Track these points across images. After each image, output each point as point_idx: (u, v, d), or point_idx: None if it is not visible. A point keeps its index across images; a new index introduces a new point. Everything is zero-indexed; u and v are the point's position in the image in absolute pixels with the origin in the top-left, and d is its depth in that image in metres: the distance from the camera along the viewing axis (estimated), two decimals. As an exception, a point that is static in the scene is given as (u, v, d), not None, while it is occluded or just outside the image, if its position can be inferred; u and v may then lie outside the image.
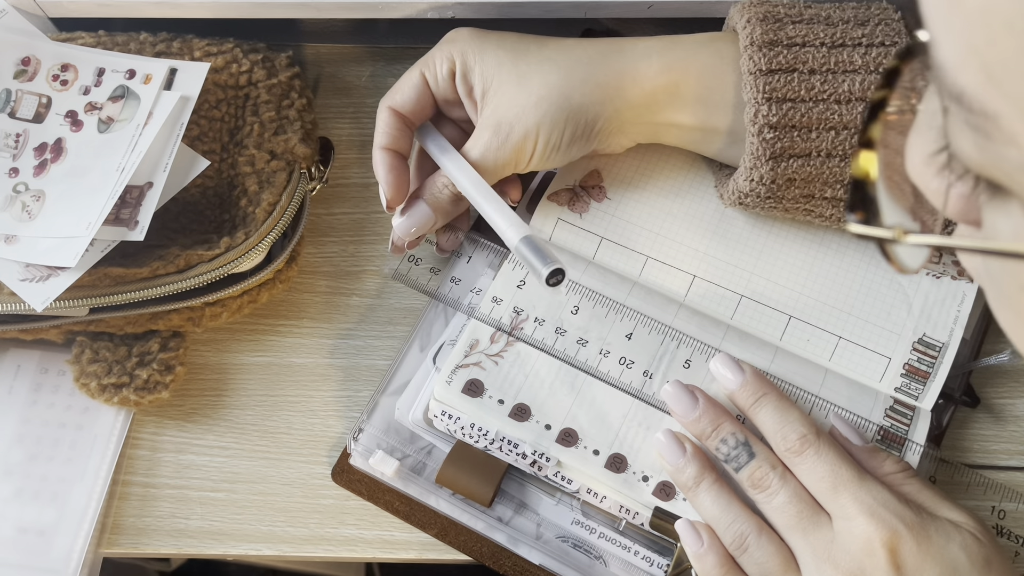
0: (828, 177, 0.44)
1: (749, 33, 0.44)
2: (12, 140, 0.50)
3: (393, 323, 0.52)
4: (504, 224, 0.44)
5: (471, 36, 0.47)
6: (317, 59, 0.59)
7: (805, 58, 0.43)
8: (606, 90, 0.45)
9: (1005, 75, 0.19)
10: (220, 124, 0.53)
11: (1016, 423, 0.49)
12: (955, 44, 0.20)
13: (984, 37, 0.19)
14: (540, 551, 0.45)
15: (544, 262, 0.42)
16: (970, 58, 0.19)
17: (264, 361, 0.52)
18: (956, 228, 0.26)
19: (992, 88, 0.19)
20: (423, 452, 0.47)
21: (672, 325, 0.47)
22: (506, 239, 0.44)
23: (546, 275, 0.41)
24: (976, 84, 0.20)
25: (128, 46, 0.53)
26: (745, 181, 0.45)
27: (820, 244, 0.49)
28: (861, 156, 0.25)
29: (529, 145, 0.45)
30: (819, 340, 0.47)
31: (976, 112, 0.20)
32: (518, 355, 0.46)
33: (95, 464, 0.49)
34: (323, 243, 0.54)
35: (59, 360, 0.51)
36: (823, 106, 0.43)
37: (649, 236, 0.50)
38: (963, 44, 0.19)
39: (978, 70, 0.19)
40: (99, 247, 0.46)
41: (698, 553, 0.42)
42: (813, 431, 0.42)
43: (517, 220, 0.44)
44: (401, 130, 0.48)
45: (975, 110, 0.20)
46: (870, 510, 0.39)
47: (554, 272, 0.41)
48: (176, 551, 0.48)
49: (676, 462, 0.43)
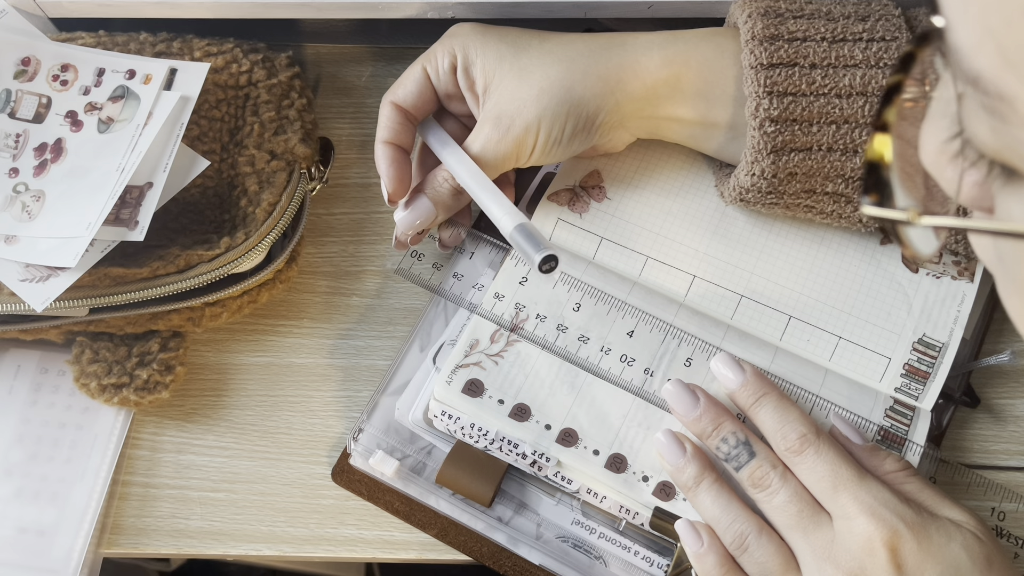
0: (829, 171, 0.44)
1: (750, 28, 0.44)
2: (12, 140, 0.50)
3: (393, 323, 0.52)
4: (499, 212, 0.44)
5: (472, 30, 0.47)
6: (317, 59, 0.59)
7: (806, 52, 0.43)
8: (607, 83, 0.45)
9: (1021, 58, 0.19)
10: (220, 124, 0.53)
11: (1016, 423, 0.49)
12: (971, 27, 0.20)
13: (1000, 19, 0.19)
14: (540, 551, 0.45)
15: (536, 248, 0.42)
16: (986, 41, 0.20)
17: (264, 361, 0.52)
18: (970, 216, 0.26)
19: (1008, 71, 0.19)
20: (423, 452, 0.47)
21: (673, 324, 0.47)
22: (501, 227, 0.44)
23: (539, 261, 0.42)
24: (992, 67, 0.20)
25: (128, 46, 0.53)
26: (746, 176, 0.45)
27: (820, 244, 0.49)
28: (876, 139, 0.25)
29: (530, 138, 0.45)
30: (819, 340, 0.47)
31: (992, 95, 0.20)
32: (518, 355, 0.46)
33: (95, 464, 0.49)
34: (323, 243, 0.54)
35: (59, 360, 0.51)
36: (824, 100, 0.43)
37: (649, 236, 0.50)
38: (979, 27, 0.20)
39: (994, 53, 0.20)
40: (99, 247, 0.46)
41: (698, 553, 0.42)
42: (813, 431, 0.41)
43: (512, 208, 0.44)
44: (403, 125, 0.48)
45: (991, 93, 0.20)
46: (870, 509, 0.38)
47: (547, 258, 0.42)
48: (176, 551, 0.48)
49: (676, 462, 0.43)
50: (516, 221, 0.43)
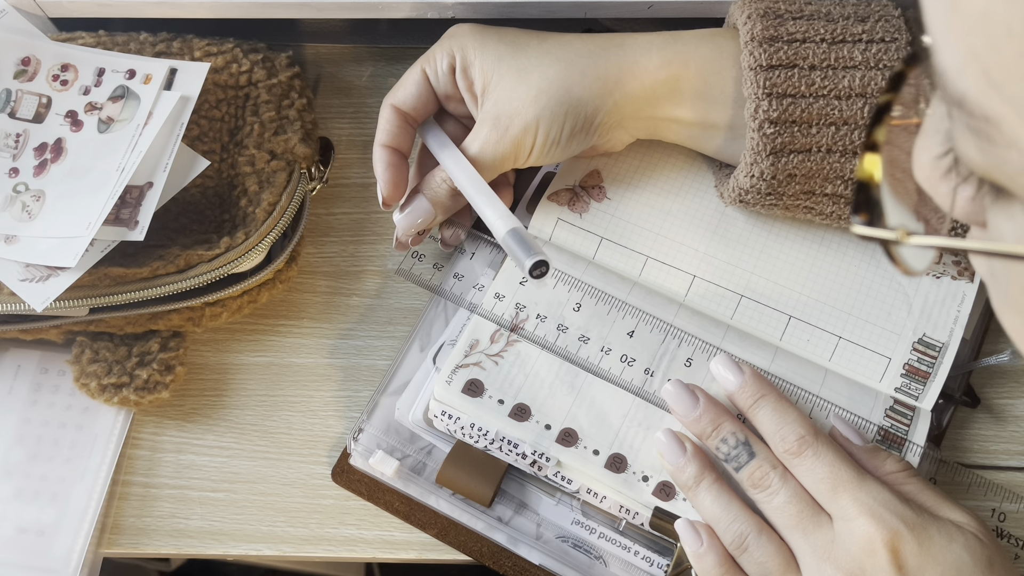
0: (828, 173, 0.44)
1: (750, 29, 0.44)
2: (12, 140, 0.50)
3: (393, 323, 0.52)
4: (493, 216, 0.44)
5: (471, 31, 0.47)
6: (317, 59, 0.59)
7: (805, 54, 0.43)
8: (605, 83, 0.45)
9: (1005, 79, 0.19)
10: (220, 124, 0.53)
11: (1016, 423, 0.49)
12: (955, 49, 0.20)
13: (984, 42, 0.19)
14: (540, 551, 0.45)
15: (528, 253, 0.42)
16: (971, 63, 0.19)
17: (264, 361, 0.52)
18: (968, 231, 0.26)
19: (993, 92, 0.19)
20: (423, 452, 0.47)
21: (673, 324, 0.47)
22: (494, 231, 0.44)
23: (529, 266, 0.42)
24: (977, 89, 0.20)
25: (128, 46, 0.53)
26: (746, 177, 0.45)
27: (820, 244, 0.49)
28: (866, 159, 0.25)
29: (528, 139, 0.45)
30: (819, 340, 0.47)
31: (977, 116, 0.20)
32: (518, 355, 0.46)
33: (95, 464, 0.49)
34: (323, 243, 0.54)
35: (59, 360, 0.51)
36: (823, 102, 0.43)
37: (649, 236, 0.50)
38: (963, 49, 0.19)
39: (979, 75, 0.19)
40: (99, 247, 0.46)
41: (698, 553, 0.42)
42: (811, 432, 0.41)
43: (507, 213, 0.44)
44: (402, 127, 0.48)
45: (976, 114, 0.20)
46: (871, 510, 0.38)
47: (537, 264, 0.42)
48: (176, 551, 0.48)
49: (676, 461, 0.43)
50: (509, 226, 0.43)
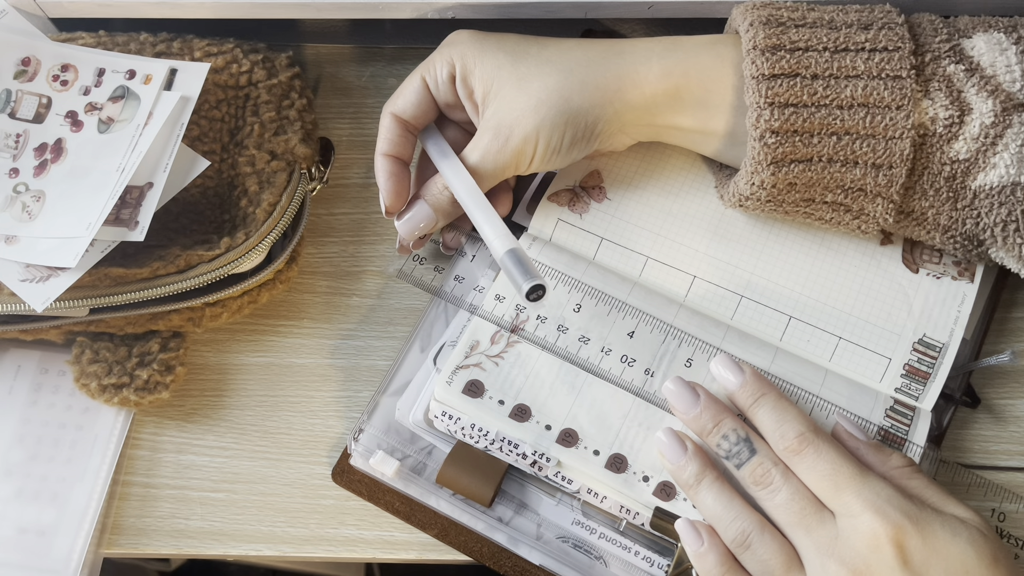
0: (829, 182, 0.44)
1: (752, 37, 0.44)
2: (12, 140, 0.50)
3: (393, 324, 0.52)
4: (492, 234, 0.44)
5: (471, 39, 0.47)
6: (317, 59, 0.59)
7: (808, 63, 0.43)
8: (605, 93, 0.45)
9: None
10: (220, 124, 0.53)
11: (1016, 424, 0.49)
12: None
13: None
14: (540, 551, 0.45)
15: (525, 277, 0.42)
16: None
17: (264, 361, 0.52)
18: None
19: None
20: (423, 452, 0.47)
21: (673, 325, 0.47)
22: (492, 250, 0.44)
23: (526, 290, 0.42)
24: None
25: (128, 46, 0.53)
26: (746, 185, 0.45)
27: (820, 244, 0.49)
28: None
29: (529, 148, 0.45)
30: (819, 340, 0.47)
31: None
32: (518, 356, 0.46)
33: (95, 464, 0.49)
34: (323, 243, 0.54)
35: (59, 360, 0.51)
36: (825, 111, 0.43)
37: (649, 236, 0.50)
38: None
39: None
40: (99, 247, 0.46)
41: (698, 552, 0.42)
42: (811, 429, 0.41)
43: (505, 231, 0.44)
44: (403, 136, 0.48)
45: None
46: (874, 506, 0.38)
47: (534, 288, 0.42)
48: (176, 551, 0.48)
49: (677, 460, 0.43)
50: (507, 246, 0.43)
